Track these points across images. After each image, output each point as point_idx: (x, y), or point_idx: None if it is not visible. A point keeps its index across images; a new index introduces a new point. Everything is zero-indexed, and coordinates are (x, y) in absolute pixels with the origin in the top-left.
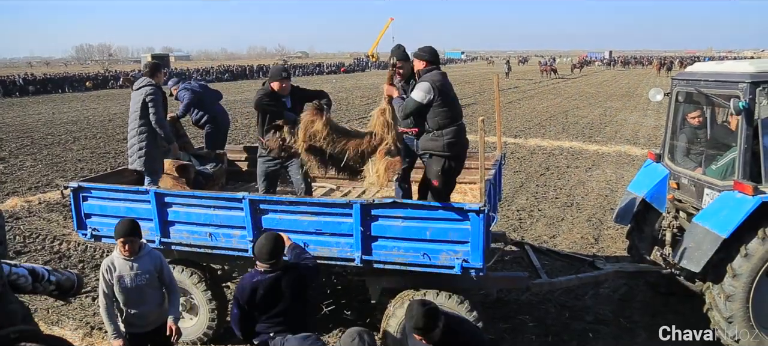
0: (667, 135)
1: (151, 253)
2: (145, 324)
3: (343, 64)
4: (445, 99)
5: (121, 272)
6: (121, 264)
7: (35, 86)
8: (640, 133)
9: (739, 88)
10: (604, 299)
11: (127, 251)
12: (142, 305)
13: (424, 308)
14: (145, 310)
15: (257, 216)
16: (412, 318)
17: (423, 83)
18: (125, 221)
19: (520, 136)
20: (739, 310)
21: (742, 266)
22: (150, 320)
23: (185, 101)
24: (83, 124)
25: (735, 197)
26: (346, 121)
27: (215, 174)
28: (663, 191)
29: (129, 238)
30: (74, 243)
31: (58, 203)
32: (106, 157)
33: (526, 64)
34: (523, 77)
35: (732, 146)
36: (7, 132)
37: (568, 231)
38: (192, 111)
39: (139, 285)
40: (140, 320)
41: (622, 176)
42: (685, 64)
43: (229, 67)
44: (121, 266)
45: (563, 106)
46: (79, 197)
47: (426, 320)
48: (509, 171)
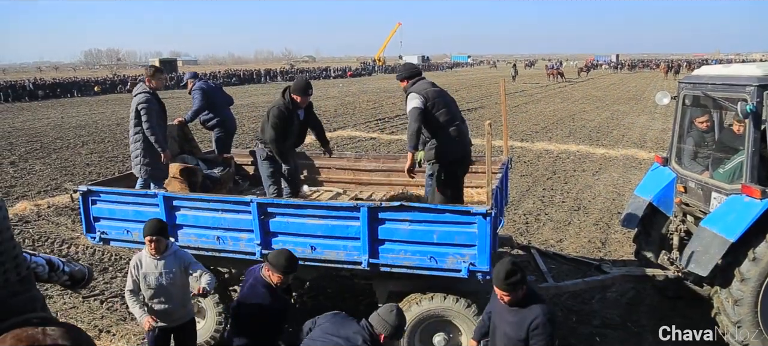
0: (674, 138)
1: (177, 253)
2: (169, 320)
3: (349, 69)
4: (436, 106)
5: (147, 270)
6: (148, 262)
7: (44, 91)
8: (647, 137)
9: (746, 92)
10: (611, 303)
11: (154, 250)
12: (166, 302)
13: (512, 265)
14: (170, 307)
15: (265, 220)
16: (498, 273)
17: (410, 95)
18: (153, 221)
19: (527, 140)
20: (748, 314)
21: (750, 270)
22: (174, 317)
23: (195, 106)
24: (92, 128)
25: (743, 200)
26: (353, 126)
27: (223, 178)
28: (670, 194)
29: (156, 236)
30: (83, 246)
31: (67, 206)
32: (114, 161)
33: (532, 67)
34: (529, 81)
35: (739, 150)
36: (17, 136)
37: (574, 235)
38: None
39: (164, 283)
40: (164, 316)
41: (629, 179)
42: (692, 68)
43: (236, 72)
44: (148, 264)
45: (570, 109)
46: (88, 200)
47: (512, 275)
48: (516, 175)
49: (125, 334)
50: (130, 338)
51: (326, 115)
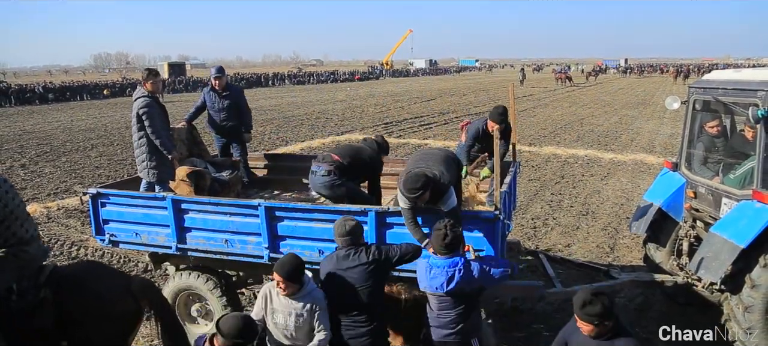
0: (684, 143)
1: (313, 294)
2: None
3: (357, 72)
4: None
5: (276, 307)
6: (278, 300)
7: (54, 94)
8: (656, 142)
9: (758, 97)
10: (620, 308)
11: (284, 291)
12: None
13: (593, 295)
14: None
15: (273, 223)
16: (577, 300)
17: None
18: (286, 260)
19: (535, 145)
20: (759, 321)
21: (761, 276)
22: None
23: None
24: (101, 131)
25: (754, 206)
26: (360, 129)
27: (231, 181)
28: (680, 199)
29: (287, 282)
30: (92, 249)
31: (76, 209)
32: (123, 164)
33: (540, 72)
34: (537, 85)
35: (750, 155)
36: (28, 139)
37: (583, 240)
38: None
39: (290, 324)
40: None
41: (638, 184)
42: (702, 72)
43: (245, 75)
44: (277, 302)
45: (578, 114)
46: (97, 203)
47: (589, 305)
48: (524, 179)
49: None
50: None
51: (334, 119)
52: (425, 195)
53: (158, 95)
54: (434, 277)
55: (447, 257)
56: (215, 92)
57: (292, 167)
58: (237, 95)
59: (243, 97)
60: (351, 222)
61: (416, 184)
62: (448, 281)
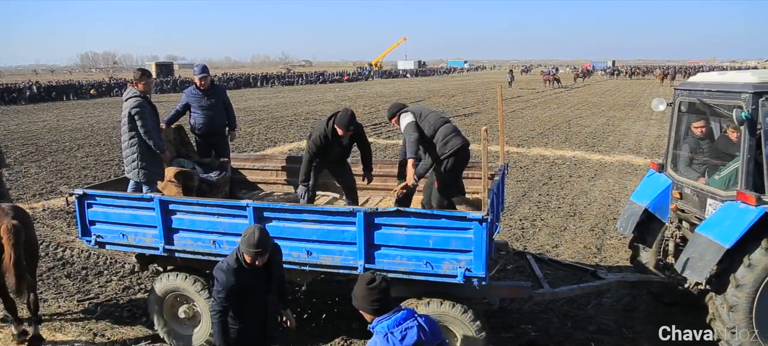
0: (670, 145)
1: None
2: None
3: (346, 73)
4: (424, 114)
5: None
6: None
7: (40, 93)
8: (642, 143)
9: (741, 99)
10: (606, 308)
11: None
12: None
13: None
14: None
15: (261, 224)
16: None
17: (401, 116)
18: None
19: (523, 146)
20: (743, 320)
21: (745, 276)
22: None
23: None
24: (87, 131)
25: (738, 207)
26: None
27: (219, 182)
28: (666, 200)
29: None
30: (78, 250)
31: (62, 209)
32: (110, 165)
33: (529, 73)
34: (526, 87)
35: (735, 156)
36: (12, 139)
37: (570, 241)
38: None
39: None
40: None
41: (625, 185)
42: (688, 74)
43: (233, 76)
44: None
45: (566, 115)
46: (83, 204)
47: None
48: (512, 180)
49: (120, 338)
50: (126, 342)
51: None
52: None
53: (149, 96)
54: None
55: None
56: (200, 91)
57: (281, 168)
58: (222, 94)
59: (227, 95)
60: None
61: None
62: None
